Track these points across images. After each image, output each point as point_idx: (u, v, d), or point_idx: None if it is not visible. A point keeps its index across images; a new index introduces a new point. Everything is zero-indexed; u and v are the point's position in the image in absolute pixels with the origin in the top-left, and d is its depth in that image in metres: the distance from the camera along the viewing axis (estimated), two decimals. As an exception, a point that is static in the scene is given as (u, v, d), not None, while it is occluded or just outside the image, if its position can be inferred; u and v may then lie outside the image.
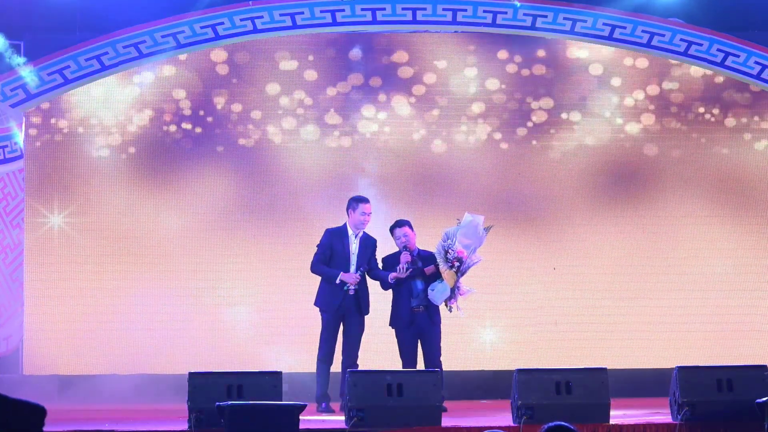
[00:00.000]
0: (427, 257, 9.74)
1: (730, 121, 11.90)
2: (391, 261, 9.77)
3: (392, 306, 9.82)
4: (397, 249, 9.82)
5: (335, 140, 11.72)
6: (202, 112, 11.64)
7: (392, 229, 9.84)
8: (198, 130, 11.63)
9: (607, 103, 11.85)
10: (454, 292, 9.57)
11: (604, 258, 11.77)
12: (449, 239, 9.55)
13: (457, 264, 9.50)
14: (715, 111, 11.89)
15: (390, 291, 9.83)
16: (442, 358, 9.74)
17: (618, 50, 11.74)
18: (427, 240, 9.95)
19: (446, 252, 9.52)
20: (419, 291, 9.70)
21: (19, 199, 11.41)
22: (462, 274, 9.56)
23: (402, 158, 11.73)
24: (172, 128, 11.61)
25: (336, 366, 9.71)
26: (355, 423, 8.02)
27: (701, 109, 11.89)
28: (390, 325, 9.82)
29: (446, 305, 9.65)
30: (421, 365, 9.70)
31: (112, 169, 11.54)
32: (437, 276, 9.64)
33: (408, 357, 9.73)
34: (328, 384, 9.70)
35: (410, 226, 9.82)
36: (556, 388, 8.25)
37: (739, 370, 8.52)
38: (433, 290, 9.61)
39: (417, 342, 9.77)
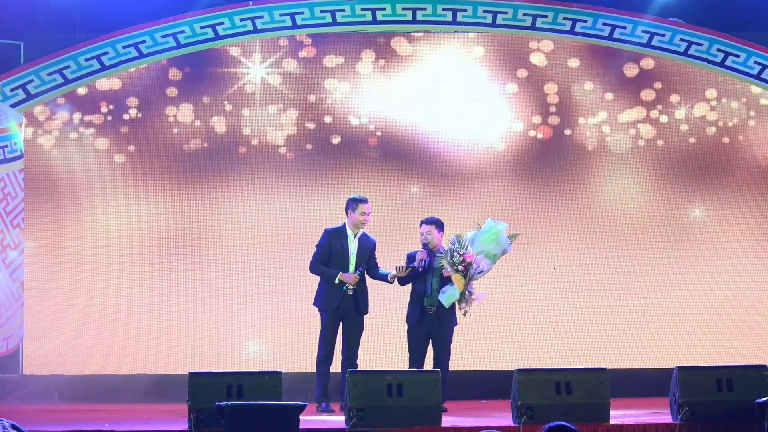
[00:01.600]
0: None
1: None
2: (412, 258, 9.80)
3: (408, 303, 9.85)
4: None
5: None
6: (196, 106, 11.65)
7: (420, 224, 9.86)
8: (197, 125, 11.63)
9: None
10: (465, 296, 9.55)
11: (603, 258, 11.76)
12: (458, 242, 9.54)
13: (462, 268, 9.49)
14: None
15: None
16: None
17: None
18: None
19: (452, 255, 9.52)
20: (432, 291, 9.72)
21: (19, 199, 11.41)
22: (471, 279, 9.55)
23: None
24: (173, 129, 11.60)
25: (336, 366, 9.72)
26: (355, 423, 8.03)
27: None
28: (405, 321, 9.85)
29: (459, 309, 9.65)
30: (429, 365, 9.70)
31: (111, 169, 11.54)
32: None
33: (414, 356, 9.74)
34: (328, 384, 9.71)
35: (438, 226, 9.81)
36: (556, 388, 8.26)
37: (739, 370, 8.53)
38: (444, 293, 9.62)
39: (426, 342, 9.78)
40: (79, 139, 11.54)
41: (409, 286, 9.90)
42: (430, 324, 9.74)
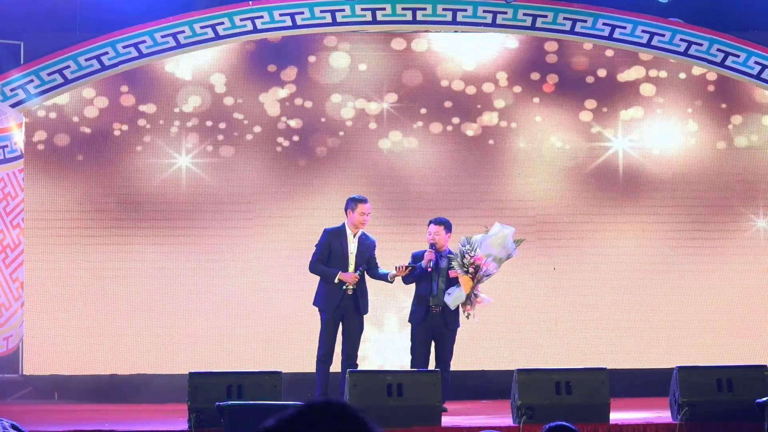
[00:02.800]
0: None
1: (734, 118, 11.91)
2: (419, 257, 9.81)
3: (412, 302, 9.87)
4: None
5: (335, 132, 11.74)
6: (200, 106, 11.65)
7: (428, 224, 9.88)
8: (197, 124, 11.63)
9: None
10: (471, 298, 9.56)
11: (604, 258, 11.77)
12: (468, 244, 9.55)
13: (472, 270, 9.50)
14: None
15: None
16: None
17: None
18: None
19: (463, 257, 9.52)
20: (438, 291, 9.72)
21: (19, 199, 11.41)
22: (479, 282, 9.56)
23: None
24: (172, 128, 11.61)
25: (336, 366, 9.72)
26: (355, 423, 8.02)
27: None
28: (408, 320, 9.87)
29: (463, 311, 9.65)
30: (432, 365, 9.71)
31: (111, 169, 11.54)
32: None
33: (417, 356, 9.74)
34: (327, 384, 9.70)
35: (446, 227, 9.82)
36: (556, 388, 8.27)
37: (739, 370, 8.54)
38: (450, 294, 9.62)
39: (429, 342, 9.79)
40: (80, 140, 11.54)
41: (412, 286, 9.90)
42: (434, 324, 9.75)
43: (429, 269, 9.69)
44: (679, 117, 11.87)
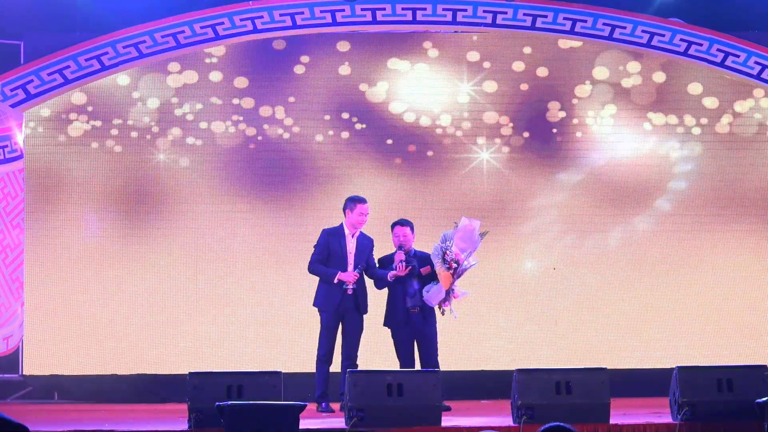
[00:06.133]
0: (423, 258, 9.77)
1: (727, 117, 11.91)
2: (387, 261, 9.81)
3: (387, 306, 9.85)
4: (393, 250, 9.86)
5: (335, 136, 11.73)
6: (200, 106, 11.65)
7: (392, 227, 9.87)
8: (195, 127, 11.64)
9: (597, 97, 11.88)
10: (449, 294, 9.58)
11: (604, 258, 11.76)
12: (447, 241, 9.56)
13: (454, 266, 9.51)
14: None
15: (385, 291, 9.86)
16: (439, 358, 9.76)
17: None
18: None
19: (444, 253, 9.53)
20: (415, 291, 9.72)
21: (19, 199, 11.41)
22: (458, 276, 9.57)
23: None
24: (170, 127, 11.61)
25: (336, 366, 9.72)
26: (355, 423, 8.03)
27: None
28: (385, 325, 9.85)
29: (439, 308, 9.66)
30: (418, 365, 9.71)
31: (111, 169, 11.54)
32: (433, 277, 9.66)
33: (405, 357, 9.75)
34: (328, 384, 9.71)
35: (411, 228, 9.85)
36: (556, 388, 8.25)
37: (739, 370, 8.52)
38: (428, 292, 9.63)
39: (414, 342, 9.79)
40: (80, 140, 11.53)
41: (385, 290, 9.89)
42: (416, 324, 9.74)
43: (408, 268, 9.68)
44: (675, 121, 11.88)
